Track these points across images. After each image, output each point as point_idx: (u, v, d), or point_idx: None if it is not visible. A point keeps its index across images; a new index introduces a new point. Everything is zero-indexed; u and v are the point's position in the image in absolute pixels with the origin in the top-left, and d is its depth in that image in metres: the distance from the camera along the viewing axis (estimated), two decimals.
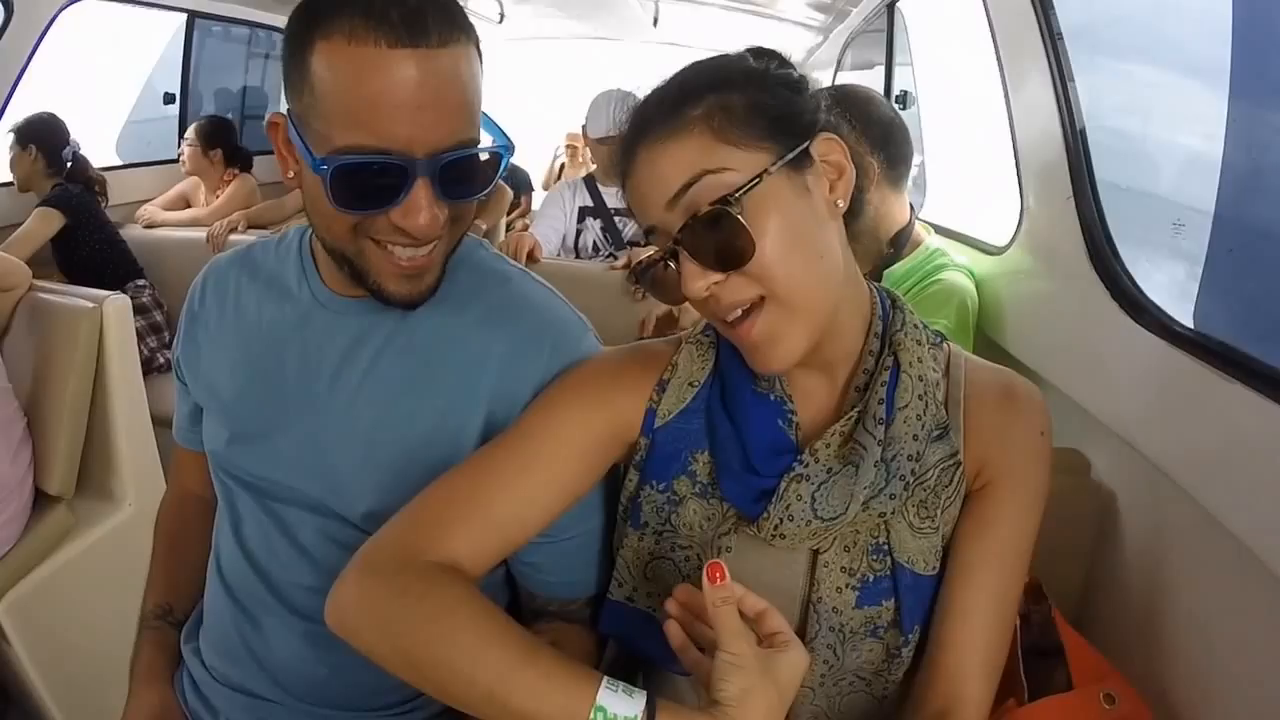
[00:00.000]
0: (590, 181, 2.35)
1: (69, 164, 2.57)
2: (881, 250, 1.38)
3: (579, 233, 2.33)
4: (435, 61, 0.61)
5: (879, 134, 1.29)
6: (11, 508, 1.44)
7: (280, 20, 3.64)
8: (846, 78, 3.73)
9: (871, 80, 3.18)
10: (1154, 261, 1.12)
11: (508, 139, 0.70)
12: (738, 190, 0.59)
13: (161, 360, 2.50)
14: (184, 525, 0.97)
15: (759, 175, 0.59)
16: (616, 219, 2.30)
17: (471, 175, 0.68)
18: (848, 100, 1.33)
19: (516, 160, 5.95)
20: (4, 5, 2.40)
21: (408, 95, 0.61)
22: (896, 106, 2.76)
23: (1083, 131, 1.19)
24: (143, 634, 0.91)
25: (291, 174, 0.71)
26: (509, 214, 4.13)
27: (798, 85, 0.65)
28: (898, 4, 2.54)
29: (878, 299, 0.70)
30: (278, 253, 0.85)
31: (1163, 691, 0.84)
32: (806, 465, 0.65)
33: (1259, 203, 1.04)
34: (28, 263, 1.88)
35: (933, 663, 0.67)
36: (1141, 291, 1.03)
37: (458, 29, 0.63)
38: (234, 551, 0.84)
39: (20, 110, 2.54)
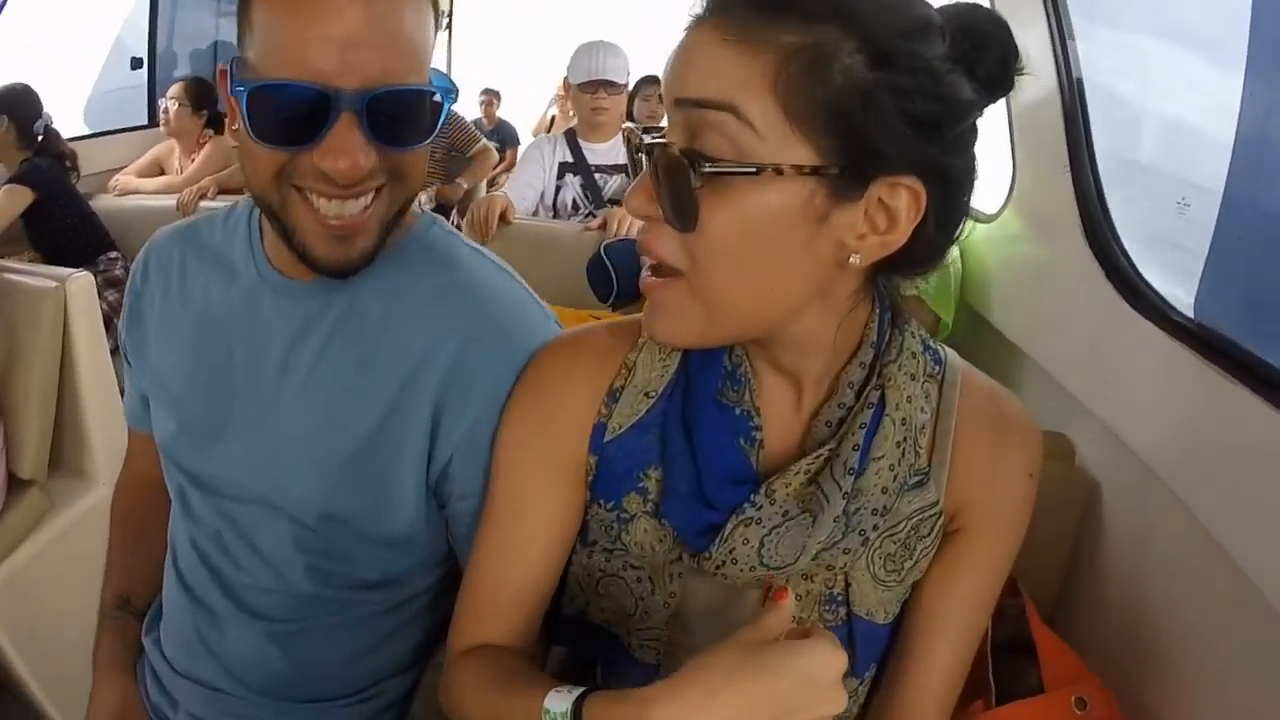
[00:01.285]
0: (571, 136, 2.28)
1: (40, 137, 2.52)
2: None
3: (558, 189, 2.27)
4: None
5: None
6: None
7: None
8: None
9: None
10: None
11: (452, 85, 0.65)
12: (728, 164, 0.47)
13: None
14: (142, 511, 0.94)
15: (765, 167, 0.46)
16: (597, 175, 2.24)
17: (407, 117, 0.62)
18: None
19: (504, 114, 5.84)
20: None
21: (340, 28, 0.56)
22: None
23: (1083, 97, 1.13)
24: (103, 625, 0.89)
25: (235, 126, 0.64)
26: (495, 168, 4.04)
27: (936, 118, 0.47)
28: None
29: (875, 322, 0.58)
30: (225, 228, 0.80)
31: (1139, 691, 0.81)
32: (759, 508, 0.57)
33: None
34: None
35: (892, 701, 0.64)
36: (1140, 275, 0.99)
37: None
38: (188, 548, 0.81)
39: None
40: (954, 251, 1.31)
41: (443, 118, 0.64)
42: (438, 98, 0.63)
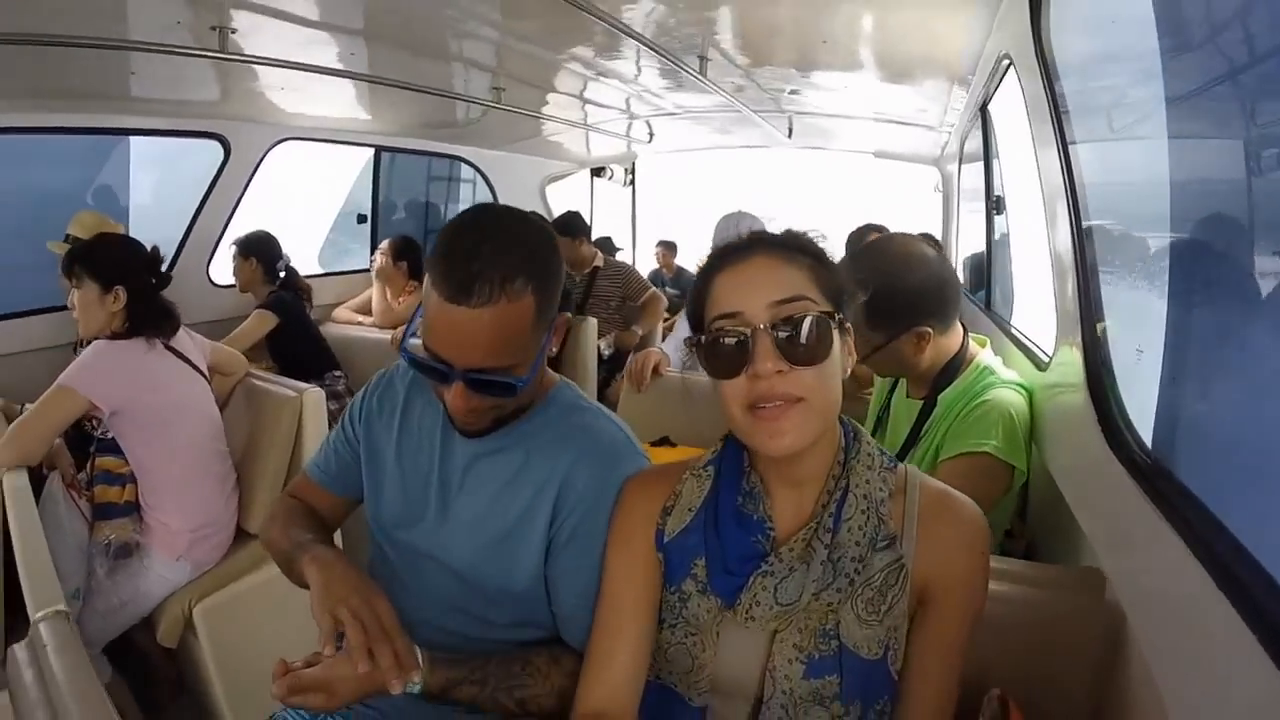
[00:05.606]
0: None
1: (282, 274, 3.13)
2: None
3: None
4: (473, 316, 0.90)
5: (927, 300, 1.42)
6: (220, 536, 1.95)
7: (454, 149, 4.38)
8: (970, 168, 3.78)
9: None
10: None
11: (530, 379, 0.98)
12: (826, 313, 0.82)
13: None
14: (305, 506, 1.22)
15: (832, 313, 0.83)
16: None
17: (492, 387, 0.96)
18: (890, 269, 1.39)
19: (683, 261, 6.35)
20: (224, 145, 3.10)
21: (450, 333, 0.93)
22: (993, 212, 2.79)
23: (1097, 284, 1.27)
24: (304, 550, 1.02)
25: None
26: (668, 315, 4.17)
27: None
28: (989, 105, 2.60)
29: (842, 433, 0.90)
30: None
31: None
32: (771, 565, 0.85)
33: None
34: (245, 354, 2.41)
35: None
36: (1144, 449, 1.04)
37: (502, 293, 0.90)
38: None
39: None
40: (1018, 400, 1.38)
41: (521, 385, 0.96)
42: (513, 380, 0.95)
